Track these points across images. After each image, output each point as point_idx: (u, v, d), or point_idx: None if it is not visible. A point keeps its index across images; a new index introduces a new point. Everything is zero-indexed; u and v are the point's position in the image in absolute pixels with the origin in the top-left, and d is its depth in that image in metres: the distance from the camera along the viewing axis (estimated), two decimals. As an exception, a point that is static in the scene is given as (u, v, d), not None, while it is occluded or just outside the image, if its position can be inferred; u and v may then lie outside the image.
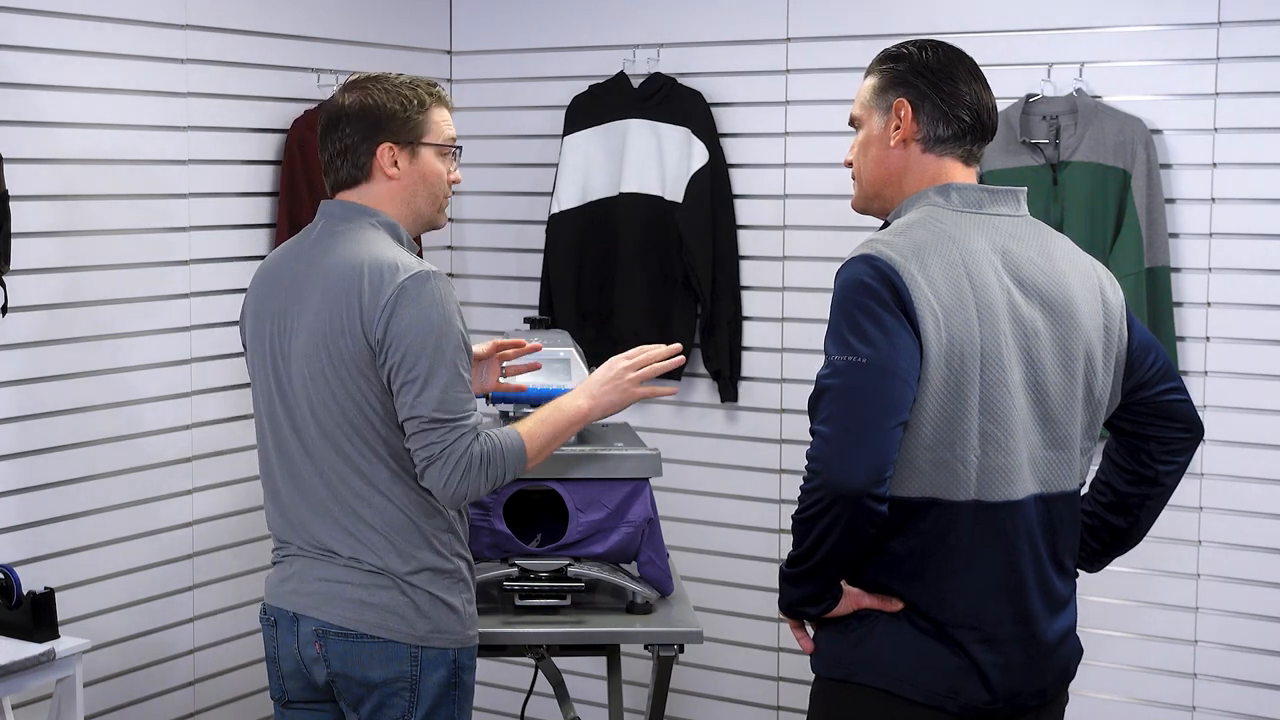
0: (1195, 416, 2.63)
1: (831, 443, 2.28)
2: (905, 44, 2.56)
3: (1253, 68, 3.86)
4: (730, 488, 4.64)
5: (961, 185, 2.48)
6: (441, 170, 2.87)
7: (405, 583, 2.72)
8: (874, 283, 2.33)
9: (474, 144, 4.99)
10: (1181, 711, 4.05)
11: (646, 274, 4.57)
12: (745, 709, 4.68)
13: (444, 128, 2.87)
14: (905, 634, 2.40)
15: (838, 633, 2.46)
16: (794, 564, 2.40)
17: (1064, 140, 3.97)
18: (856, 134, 2.58)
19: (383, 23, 4.71)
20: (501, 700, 4.94)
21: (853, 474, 2.26)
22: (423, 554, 2.73)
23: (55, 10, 3.69)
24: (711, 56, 4.56)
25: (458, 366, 2.67)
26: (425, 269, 2.70)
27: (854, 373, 2.29)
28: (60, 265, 3.74)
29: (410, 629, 2.72)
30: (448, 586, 2.76)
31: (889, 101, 2.50)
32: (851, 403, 2.29)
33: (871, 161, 2.54)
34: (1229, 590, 3.99)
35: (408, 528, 2.72)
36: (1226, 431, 3.94)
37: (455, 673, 2.78)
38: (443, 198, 2.90)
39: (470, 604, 2.82)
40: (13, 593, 3.43)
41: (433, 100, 2.85)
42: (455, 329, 2.68)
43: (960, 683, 2.39)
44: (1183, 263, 3.98)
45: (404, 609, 2.72)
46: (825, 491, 2.28)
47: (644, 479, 3.29)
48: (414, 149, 2.82)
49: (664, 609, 3.30)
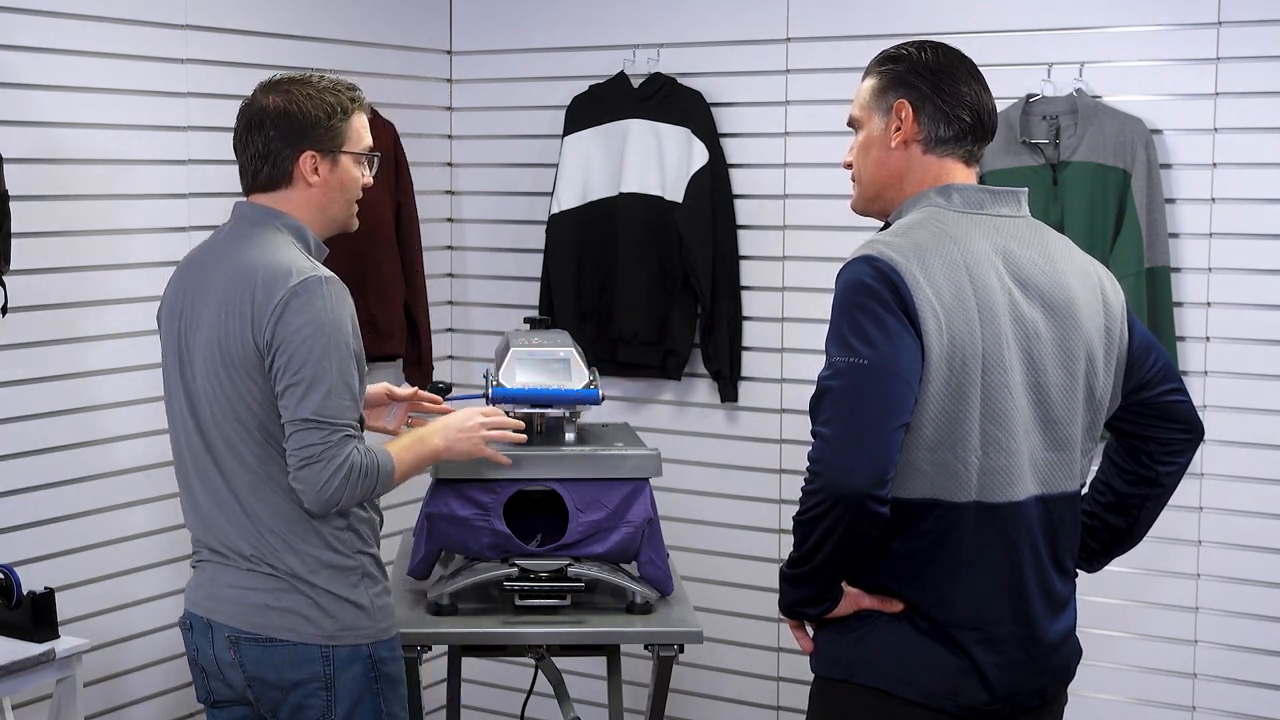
0: (1196, 417, 2.63)
1: (833, 444, 2.28)
2: (904, 45, 2.55)
3: (1253, 68, 3.86)
4: (730, 488, 4.64)
5: (963, 186, 2.48)
6: (358, 176, 2.88)
7: (306, 583, 2.75)
8: (875, 283, 2.32)
9: (474, 144, 5.01)
10: (1181, 711, 4.05)
11: (646, 274, 4.57)
12: (745, 709, 4.68)
13: (363, 135, 2.88)
14: (905, 634, 2.40)
15: (837, 633, 2.46)
16: (795, 565, 2.40)
17: (1064, 140, 3.97)
18: (855, 135, 2.57)
19: (382, 23, 4.71)
20: (501, 700, 4.94)
21: (855, 476, 2.25)
22: (320, 553, 2.76)
23: (55, 10, 3.69)
24: (711, 56, 4.56)
25: (343, 373, 2.69)
26: (319, 274, 2.72)
27: (855, 374, 2.29)
28: (60, 265, 3.74)
29: (318, 629, 2.76)
30: (351, 584, 2.79)
31: (889, 103, 2.50)
32: (853, 404, 2.28)
33: (872, 163, 2.53)
34: (1229, 590, 3.99)
35: (304, 527, 2.75)
36: (1226, 431, 3.94)
37: (373, 666, 2.81)
38: (355, 203, 2.91)
39: (381, 596, 2.84)
40: (13, 593, 3.42)
41: (354, 107, 2.86)
42: (344, 336, 2.71)
43: (960, 683, 2.39)
44: (1183, 263, 3.98)
45: (308, 610, 2.75)
46: (827, 493, 2.27)
47: (644, 479, 3.29)
48: (335, 157, 2.83)
49: (664, 609, 3.30)
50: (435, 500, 3.25)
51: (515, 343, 3.41)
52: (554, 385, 3.31)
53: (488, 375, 3.37)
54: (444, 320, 5.03)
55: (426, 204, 4.81)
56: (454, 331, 5.10)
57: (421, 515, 3.30)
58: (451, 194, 5.06)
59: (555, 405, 3.33)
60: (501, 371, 3.34)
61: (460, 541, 3.25)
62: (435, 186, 4.98)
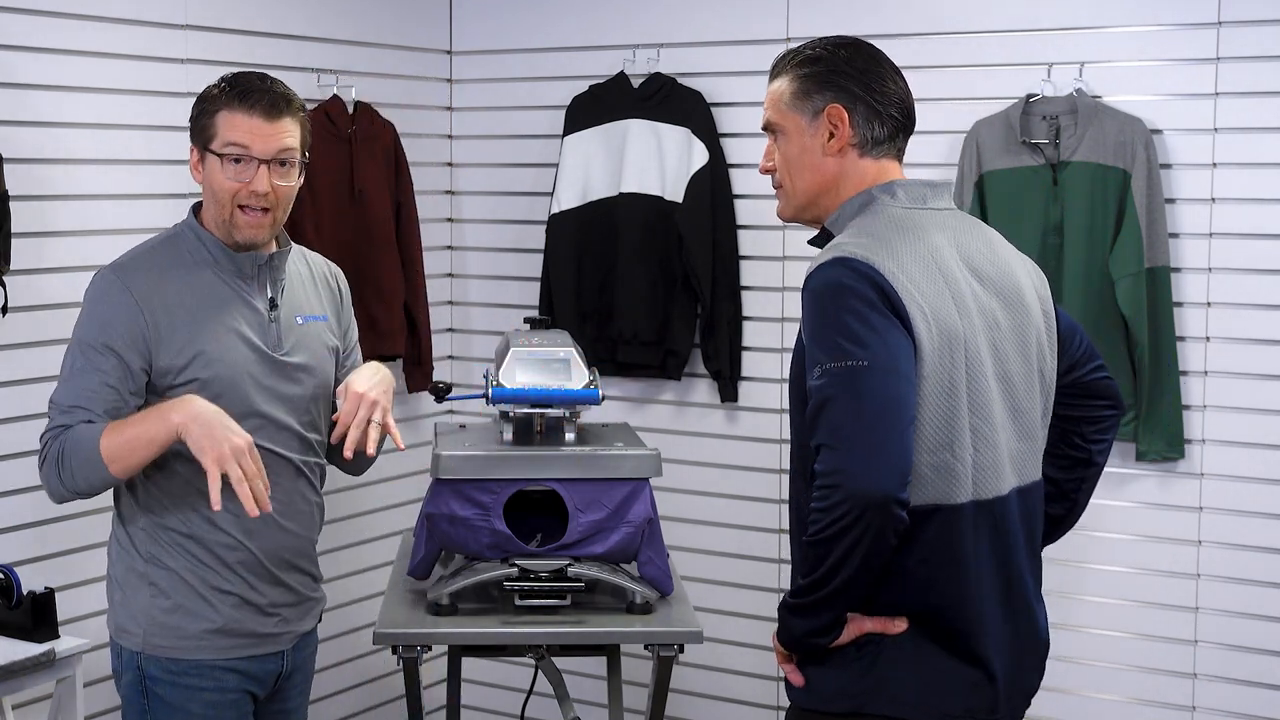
0: (1119, 391, 2.63)
1: (849, 453, 2.17)
2: (816, 44, 2.50)
3: (1253, 68, 3.86)
4: (730, 488, 4.64)
5: (905, 182, 2.44)
6: (222, 180, 2.73)
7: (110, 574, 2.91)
8: (856, 284, 2.25)
9: (474, 144, 5.01)
10: (1181, 712, 4.05)
11: (647, 274, 4.57)
12: (745, 709, 4.68)
13: (228, 132, 2.72)
14: (912, 655, 2.33)
15: (838, 664, 2.36)
16: (807, 592, 2.29)
17: (1064, 140, 3.96)
18: (773, 139, 2.51)
19: (383, 22, 4.71)
20: (501, 700, 4.94)
21: (880, 480, 2.16)
22: (113, 547, 2.91)
23: (55, 10, 3.69)
24: (712, 56, 4.56)
25: (74, 362, 2.72)
26: (109, 265, 2.80)
27: (856, 378, 2.19)
28: (60, 265, 3.74)
29: (112, 619, 2.90)
30: (133, 586, 2.85)
31: (817, 107, 2.45)
32: (860, 408, 2.18)
33: (806, 170, 2.47)
34: (1229, 590, 3.99)
35: (118, 517, 2.87)
36: (1226, 431, 3.94)
37: (141, 679, 2.83)
38: (231, 207, 2.74)
39: (168, 614, 2.81)
40: (13, 593, 3.43)
41: (226, 100, 2.73)
42: (90, 326, 2.73)
43: (975, 698, 2.34)
44: (1183, 263, 3.98)
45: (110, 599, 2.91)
46: (851, 504, 2.16)
47: (644, 479, 3.29)
48: (202, 154, 2.78)
49: (664, 609, 3.30)
50: (435, 500, 3.25)
51: (515, 343, 3.41)
52: (554, 385, 3.31)
53: (488, 375, 3.37)
54: (444, 320, 5.03)
55: (426, 204, 4.81)
56: (454, 331, 5.10)
57: (421, 515, 3.30)
58: (451, 194, 5.06)
59: (555, 405, 3.33)
60: (501, 371, 3.34)
61: (460, 541, 3.25)
62: (435, 186, 4.98)
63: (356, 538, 4.70)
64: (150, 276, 2.77)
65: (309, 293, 2.96)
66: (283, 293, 2.88)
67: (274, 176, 2.74)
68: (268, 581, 2.85)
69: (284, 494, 2.84)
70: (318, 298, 2.98)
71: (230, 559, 2.80)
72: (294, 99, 2.82)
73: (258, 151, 2.73)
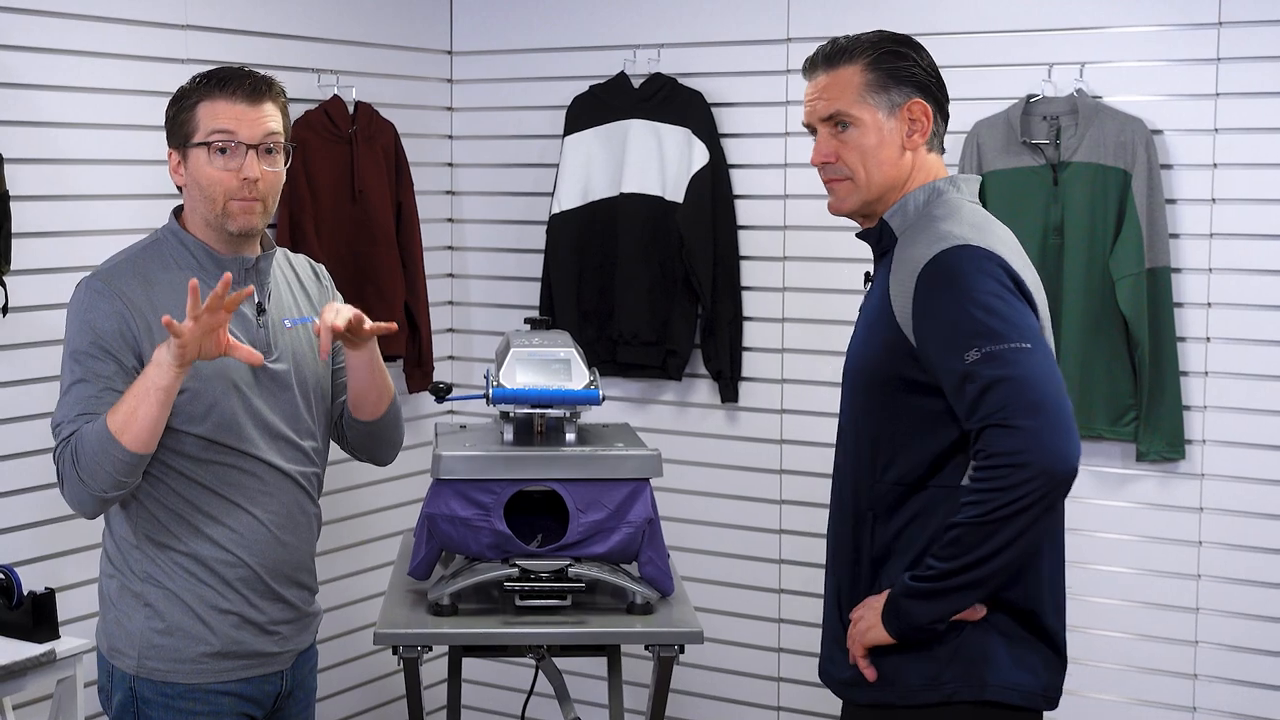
0: None
1: (1038, 431, 2.21)
2: (893, 41, 2.52)
3: (1253, 68, 3.86)
4: (731, 488, 4.64)
5: (960, 177, 2.52)
6: (209, 172, 2.66)
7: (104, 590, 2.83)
8: (993, 269, 2.31)
9: (474, 144, 5.00)
10: (1182, 712, 4.05)
11: (647, 274, 4.57)
12: (746, 709, 4.68)
13: (210, 121, 2.66)
14: (997, 637, 2.39)
15: (923, 654, 2.39)
16: (952, 576, 2.30)
17: (1064, 141, 3.96)
18: (841, 131, 2.49)
19: (383, 23, 4.71)
20: (502, 701, 4.94)
21: (1068, 456, 2.23)
22: (106, 564, 2.84)
23: (56, 10, 3.69)
24: (712, 57, 4.56)
25: (71, 375, 2.64)
26: (91, 274, 2.70)
27: (1025, 359, 2.25)
28: (61, 266, 3.73)
29: (104, 637, 2.83)
30: (128, 604, 2.78)
31: (896, 101, 2.47)
32: (1040, 387, 2.24)
33: (885, 164, 2.48)
34: (1229, 591, 3.99)
35: (108, 534, 2.81)
36: (1227, 432, 3.94)
37: (133, 700, 2.77)
38: (223, 200, 2.67)
39: (162, 635, 2.74)
40: (13, 593, 3.43)
41: (205, 93, 2.67)
42: (81, 335, 2.64)
43: (1051, 677, 2.43)
44: (1183, 263, 3.97)
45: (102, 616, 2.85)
46: (1040, 481, 2.21)
47: (644, 479, 3.29)
48: (185, 152, 2.70)
49: (664, 609, 3.30)
50: (435, 501, 3.24)
51: (516, 343, 3.40)
52: (554, 386, 3.31)
53: (488, 375, 3.37)
54: (444, 320, 5.03)
55: (427, 204, 4.81)
56: (454, 332, 5.10)
57: (422, 516, 3.29)
58: (452, 194, 5.06)
59: (556, 406, 3.33)
60: (502, 372, 3.34)
61: (461, 542, 3.25)
62: (435, 187, 4.98)
63: (357, 538, 4.70)
64: (135, 283, 2.68)
65: (296, 295, 2.89)
66: (270, 297, 2.80)
67: (262, 163, 2.68)
68: (268, 598, 2.79)
69: (282, 507, 2.78)
70: (305, 298, 2.92)
71: (230, 576, 2.73)
72: (275, 84, 2.74)
73: (244, 136, 2.65)
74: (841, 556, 2.52)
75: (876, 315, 2.45)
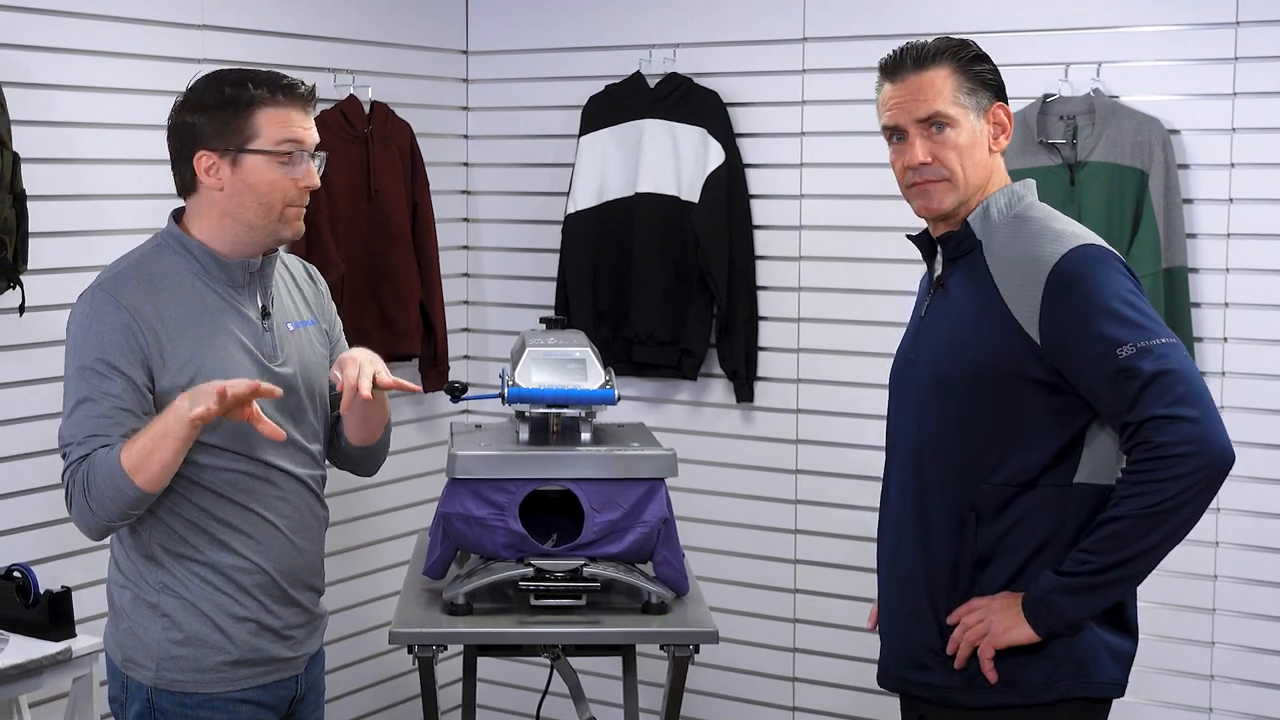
0: None
1: (1202, 421, 2.29)
2: (970, 46, 2.54)
3: (1271, 67, 3.84)
4: (746, 488, 4.64)
5: (1024, 182, 2.57)
6: (273, 178, 2.63)
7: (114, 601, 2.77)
8: (1121, 266, 2.40)
9: (490, 144, 5.01)
10: (1198, 713, 4.04)
11: (662, 274, 4.57)
12: (761, 709, 4.67)
13: (277, 130, 2.63)
14: (1098, 631, 2.45)
15: (1043, 652, 2.43)
16: (1116, 568, 2.37)
17: (1081, 140, 3.95)
18: (939, 132, 2.48)
19: (399, 23, 4.71)
20: (517, 700, 4.94)
21: (1228, 445, 2.31)
22: (116, 574, 2.77)
23: (72, 10, 3.70)
24: (728, 56, 4.56)
25: (76, 391, 2.58)
26: (95, 284, 2.64)
27: (1175, 353, 2.33)
28: (77, 265, 3.74)
29: (116, 646, 2.77)
30: (143, 614, 2.73)
31: (982, 104, 2.51)
32: (1194, 380, 2.33)
33: (978, 165, 2.51)
34: (1246, 592, 3.97)
35: (119, 545, 2.74)
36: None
37: (152, 712, 2.73)
38: (281, 206, 2.65)
39: (180, 645, 2.70)
40: (30, 592, 3.43)
41: (261, 99, 2.62)
42: (88, 349, 2.57)
43: (1129, 666, 2.49)
44: (1200, 263, 3.96)
45: (112, 626, 2.79)
46: (1211, 469, 2.30)
47: (660, 479, 3.28)
48: (235, 156, 2.62)
49: (680, 609, 3.30)
50: (451, 500, 3.25)
51: (531, 342, 3.41)
52: (570, 385, 3.31)
53: (503, 375, 3.37)
54: (460, 320, 5.03)
55: (442, 204, 4.82)
56: (470, 331, 5.10)
57: (437, 515, 3.30)
58: (468, 194, 5.07)
59: (571, 405, 3.32)
60: (517, 371, 3.34)
61: (476, 541, 3.25)
62: (451, 186, 4.99)
63: (372, 537, 4.70)
64: (140, 291, 2.63)
65: (295, 298, 2.87)
66: (273, 301, 2.78)
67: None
68: (283, 603, 2.77)
69: (296, 511, 2.77)
70: (304, 301, 2.89)
71: (248, 583, 2.71)
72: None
73: (309, 145, 2.67)
74: (932, 561, 2.50)
75: (977, 317, 2.45)
